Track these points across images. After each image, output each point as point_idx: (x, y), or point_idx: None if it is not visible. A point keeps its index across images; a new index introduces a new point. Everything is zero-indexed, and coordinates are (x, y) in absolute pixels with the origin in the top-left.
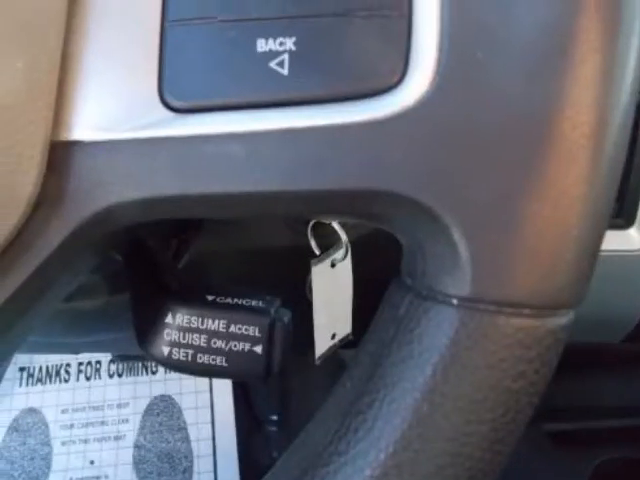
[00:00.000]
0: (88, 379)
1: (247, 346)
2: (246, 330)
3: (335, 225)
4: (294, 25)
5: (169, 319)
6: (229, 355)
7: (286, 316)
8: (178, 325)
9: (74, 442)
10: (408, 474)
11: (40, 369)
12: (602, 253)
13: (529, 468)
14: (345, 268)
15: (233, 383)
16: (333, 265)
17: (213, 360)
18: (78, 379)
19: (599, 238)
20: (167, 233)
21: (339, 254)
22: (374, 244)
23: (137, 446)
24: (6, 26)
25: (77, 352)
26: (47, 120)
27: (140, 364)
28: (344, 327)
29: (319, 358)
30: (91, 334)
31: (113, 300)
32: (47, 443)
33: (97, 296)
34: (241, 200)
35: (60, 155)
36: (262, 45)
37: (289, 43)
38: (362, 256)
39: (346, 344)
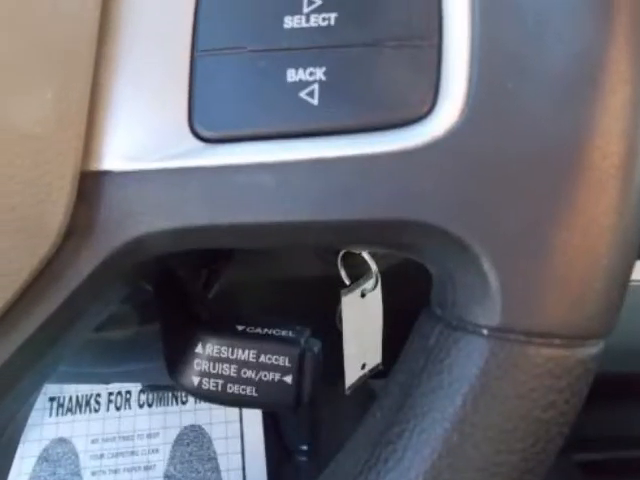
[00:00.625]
0: (118, 409)
1: (277, 376)
2: (276, 360)
3: (365, 255)
4: (324, 55)
5: (199, 349)
6: (259, 385)
7: (316, 346)
8: (208, 355)
9: (104, 472)
10: None
11: (70, 399)
12: (632, 283)
13: None
14: (375, 298)
15: (263, 413)
16: (363, 295)
17: (243, 390)
18: (108, 409)
19: (629, 268)
20: (197, 263)
21: (369, 284)
22: (404, 274)
23: (167, 476)
24: (35, 56)
25: (107, 382)
26: (77, 150)
27: (170, 394)
28: (374, 357)
29: (349, 388)
30: (121, 364)
31: (143, 330)
32: (77, 473)
33: (127, 326)
34: (271, 230)
35: (90, 185)
36: (292, 75)
37: (319, 73)
38: (392, 286)
39: (376, 374)
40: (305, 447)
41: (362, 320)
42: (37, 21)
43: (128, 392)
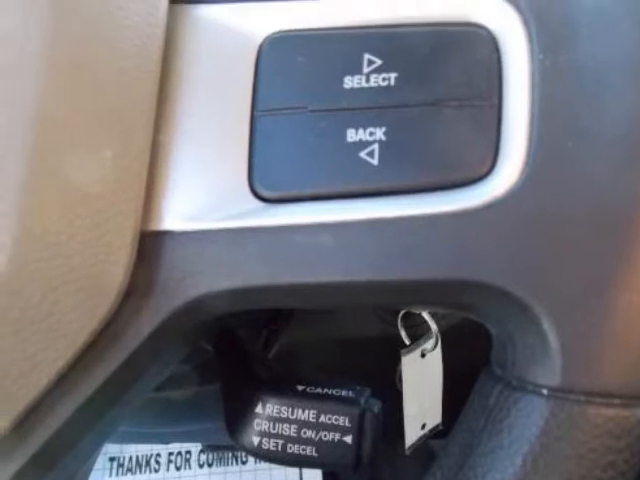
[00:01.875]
0: (178, 469)
1: (337, 436)
2: (336, 420)
3: (425, 315)
4: (384, 115)
5: (259, 409)
6: (319, 445)
7: (376, 406)
8: (268, 415)
9: None
10: None
11: (130, 459)
12: None
13: None
14: (435, 358)
15: (323, 473)
16: (423, 355)
17: (303, 450)
18: (168, 469)
19: None
20: (258, 323)
21: (429, 344)
22: (464, 334)
23: None
24: (95, 115)
25: (167, 442)
26: (137, 210)
27: (230, 454)
28: (434, 417)
29: (409, 448)
30: (181, 424)
31: (203, 390)
32: None
33: (187, 386)
34: (330, 290)
35: (150, 245)
36: (352, 135)
37: (379, 133)
38: (452, 346)
39: (436, 434)
40: None
41: (422, 380)
42: (98, 81)
43: (188, 452)
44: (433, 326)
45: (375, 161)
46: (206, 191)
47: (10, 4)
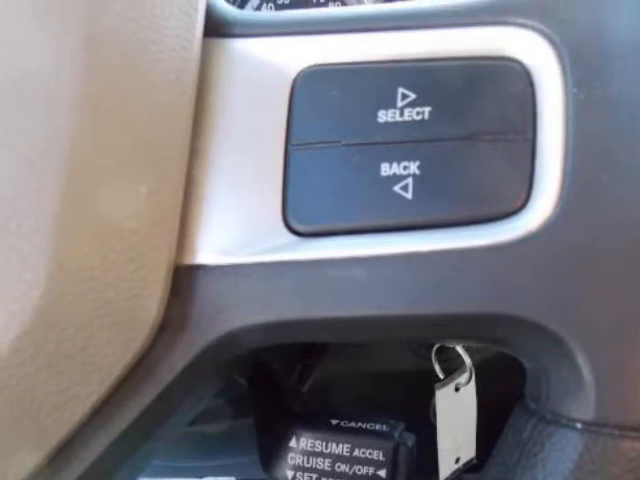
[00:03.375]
0: None
1: (371, 470)
2: (370, 454)
3: (459, 349)
4: (418, 149)
5: (293, 443)
6: (353, 479)
7: (410, 440)
8: (302, 449)
9: None
10: None
11: None
12: None
13: None
14: (469, 392)
15: None
16: (457, 389)
17: None
18: None
19: None
20: (291, 357)
21: (463, 378)
22: (498, 368)
23: None
24: (129, 149)
25: (201, 476)
26: (171, 244)
27: None
28: (468, 451)
29: None
30: (215, 458)
31: (237, 424)
32: None
33: (221, 420)
34: (364, 324)
35: (184, 279)
36: (386, 169)
37: (413, 167)
38: (486, 380)
39: (470, 468)
40: None
41: (456, 414)
42: (132, 115)
43: None
44: (467, 360)
45: (409, 195)
46: (240, 225)
47: (45, 38)
